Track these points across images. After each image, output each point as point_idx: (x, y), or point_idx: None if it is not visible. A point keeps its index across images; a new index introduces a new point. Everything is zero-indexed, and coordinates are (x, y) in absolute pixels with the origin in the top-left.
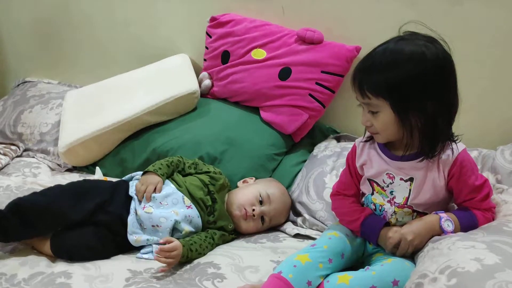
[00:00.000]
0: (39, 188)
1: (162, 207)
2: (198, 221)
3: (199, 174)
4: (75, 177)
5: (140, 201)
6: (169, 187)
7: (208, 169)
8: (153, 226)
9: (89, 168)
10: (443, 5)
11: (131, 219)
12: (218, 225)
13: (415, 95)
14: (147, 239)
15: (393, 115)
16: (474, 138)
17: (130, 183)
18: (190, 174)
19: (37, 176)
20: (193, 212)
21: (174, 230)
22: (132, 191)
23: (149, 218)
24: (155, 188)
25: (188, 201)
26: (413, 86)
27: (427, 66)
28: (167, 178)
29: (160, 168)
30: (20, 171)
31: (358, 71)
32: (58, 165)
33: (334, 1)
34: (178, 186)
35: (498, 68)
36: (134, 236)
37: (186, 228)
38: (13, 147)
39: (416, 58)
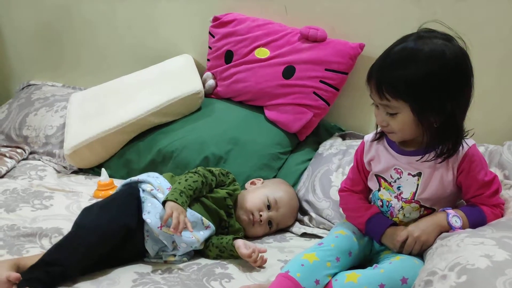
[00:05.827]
0: (45, 191)
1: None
2: (213, 234)
3: (219, 188)
4: (81, 179)
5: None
6: (188, 210)
7: (223, 180)
8: (173, 242)
9: (94, 170)
10: (446, 0)
11: (149, 245)
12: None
13: (435, 94)
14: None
15: (412, 116)
16: (481, 135)
17: (144, 205)
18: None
19: (43, 178)
20: (211, 231)
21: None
22: (147, 216)
23: (170, 237)
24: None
25: (206, 222)
26: (433, 85)
27: (447, 65)
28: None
29: (183, 202)
30: (26, 174)
31: (375, 70)
32: (64, 167)
33: None
34: (199, 208)
35: (505, 63)
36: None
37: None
38: (18, 150)
39: (436, 57)
